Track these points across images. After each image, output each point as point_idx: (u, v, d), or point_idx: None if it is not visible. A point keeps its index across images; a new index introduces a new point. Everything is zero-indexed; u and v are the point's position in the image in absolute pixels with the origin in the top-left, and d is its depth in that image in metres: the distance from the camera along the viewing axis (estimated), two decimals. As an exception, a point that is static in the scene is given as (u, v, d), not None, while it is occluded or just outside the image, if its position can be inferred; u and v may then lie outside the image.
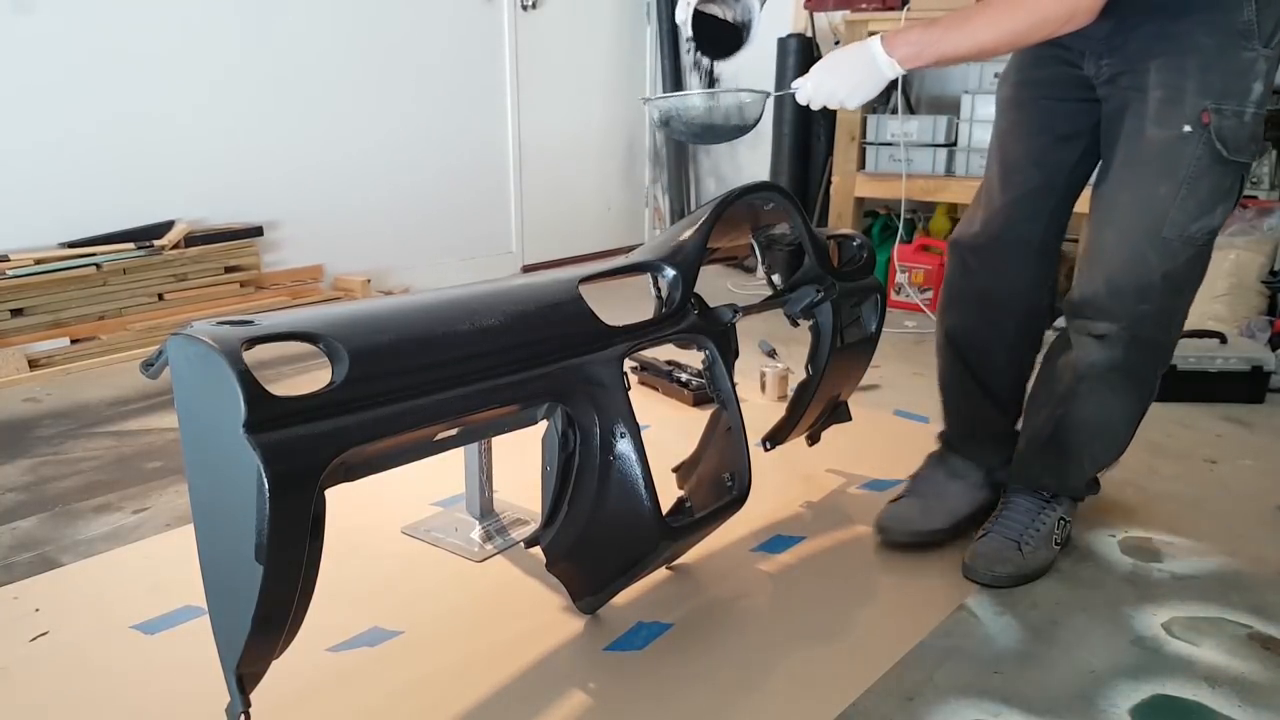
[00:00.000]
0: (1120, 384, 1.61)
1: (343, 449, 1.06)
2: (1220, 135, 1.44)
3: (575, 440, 1.40)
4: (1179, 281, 1.54)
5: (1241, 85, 1.43)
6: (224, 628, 1.06)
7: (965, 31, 1.41)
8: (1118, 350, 1.57)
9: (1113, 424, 1.67)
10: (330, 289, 3.59)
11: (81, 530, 1.85)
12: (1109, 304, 1.56)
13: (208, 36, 3.20)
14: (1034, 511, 1.71)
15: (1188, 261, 1.52)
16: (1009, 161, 1.70)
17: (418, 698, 1.35)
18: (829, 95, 1.51)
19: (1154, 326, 1.57)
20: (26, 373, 2.72)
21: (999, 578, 1.65)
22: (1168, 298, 1.55)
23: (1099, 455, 1.72)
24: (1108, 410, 1.65)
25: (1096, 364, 1.59)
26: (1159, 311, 1.55)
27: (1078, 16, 1.36)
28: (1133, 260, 1.53)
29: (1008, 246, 1.70)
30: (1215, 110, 1.43)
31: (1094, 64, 1.56)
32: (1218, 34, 1.42)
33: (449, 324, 1.22)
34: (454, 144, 3.96)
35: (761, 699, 1.36)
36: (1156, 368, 1.63)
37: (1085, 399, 1.63)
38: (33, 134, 2.88)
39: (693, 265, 1.52)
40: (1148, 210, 1.51)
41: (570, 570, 1.51)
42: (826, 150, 3.88)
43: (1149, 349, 1.59)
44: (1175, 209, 1.49)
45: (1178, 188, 1.48)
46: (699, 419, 1.86)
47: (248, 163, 3.35)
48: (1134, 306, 1.54)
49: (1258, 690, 1.39)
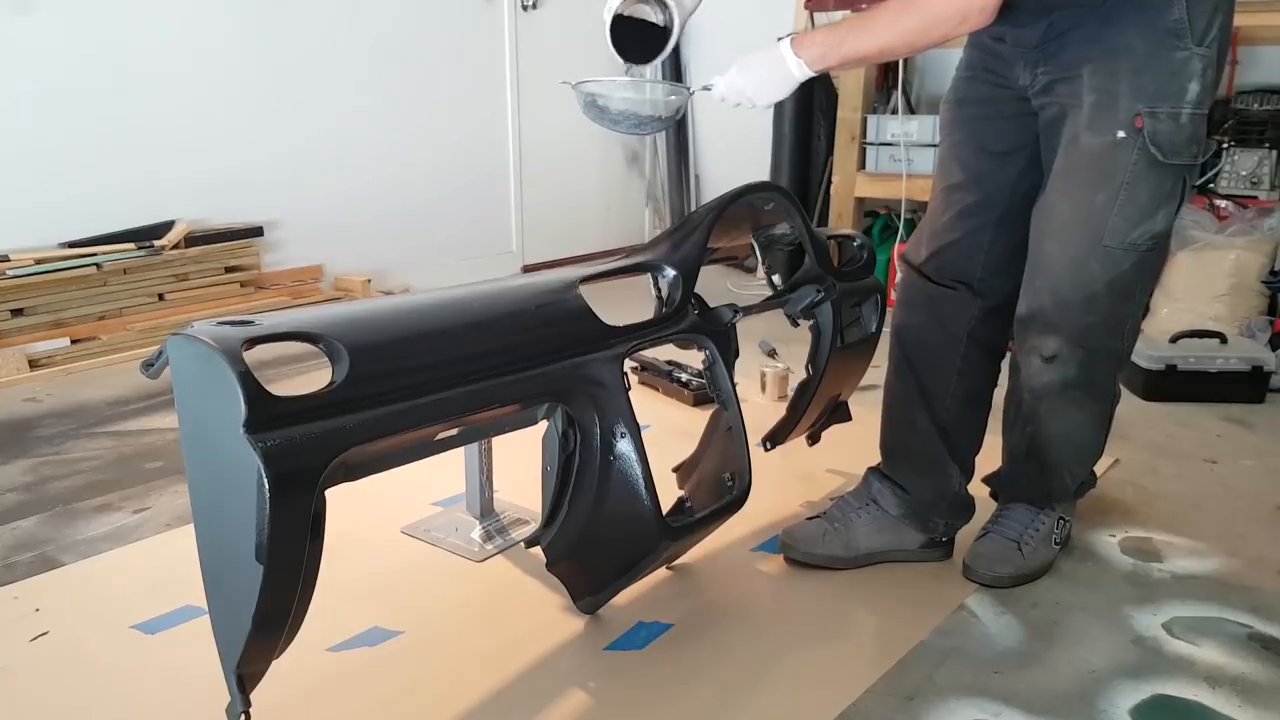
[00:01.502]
0: (1081, 399, 1.60)
1: (343, 449, 1.06)
2: (1155, 139, 1.42)
3: (575, 440, 1.40)
4: (1124, 288, 1.51)
5: (1175, 86, 1.41)
6: (224, 628, 1.06)
7: (867, 32, 1.42)
8: (1070, 369, 1.55)
9: (1081, 435, 1.67)
10: (330, 289, 3.59)
11: (81, 530, 1.85)
12: (1055, 317, 1.53)
13: (208, 36, 3.20)
14: (1032, 513, 1.70)
15: (1133, 268, 1.50)
16: (950, 182, 1.67)
17: (418, 698, 1.35)
18: (739, 93, 1.51)
19: (1103, 334, 1.55)
20: (27, 373, 2.72)
21: (999, 578, 1.64)
22: (1114, 305, 1.52)
23: (1077, 465, 1.72)
24: (1073, 425, 1.64)
25: (1051, 385, 1.57)
26: (1106, 319, 1.53)
27: (971, 18, 1.36)
28: (1075, 271, 1.50)
29: (953, 263, 1.66)
30: (1149, 114, 1.41)
31: (1029, 73, 1.53)
32: (1148, 35, 1.40)
33: (449, 324, 1.22)
34: (454, 144, 3.96)
35: (761, 699, 1.36)
36: (1113, 374, 1.63)
37: (1049, 418, 1.62)
38: (33, 134, 2.88)
39: (693, 265, 1.52)
40: (1087, 219, 1.48)
41: (570, 570, 1.51)
42: (826, 150, 3.88)
43: (1101, 359, 1.57)
44: (1115, 216, 1.46)
45: (1115, 194, 1.46)
46: (699, 419, 1.86)
47: (248, 163, 3.35)
48: (1080, 318, 1.52)
49: (1258, 690, 1.39)
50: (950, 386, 1.69)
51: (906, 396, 1.73)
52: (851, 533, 1.71)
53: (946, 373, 1.69)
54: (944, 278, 1.67)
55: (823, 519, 1.75)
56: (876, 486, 1.76)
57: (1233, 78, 3.25)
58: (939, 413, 1.70)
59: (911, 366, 1.72)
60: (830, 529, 1.72)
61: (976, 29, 1.39)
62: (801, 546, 1.72)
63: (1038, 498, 1.72)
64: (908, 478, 1.73)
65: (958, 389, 1.69)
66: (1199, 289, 3.04)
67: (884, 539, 1.72)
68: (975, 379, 1.71)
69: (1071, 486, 1.72)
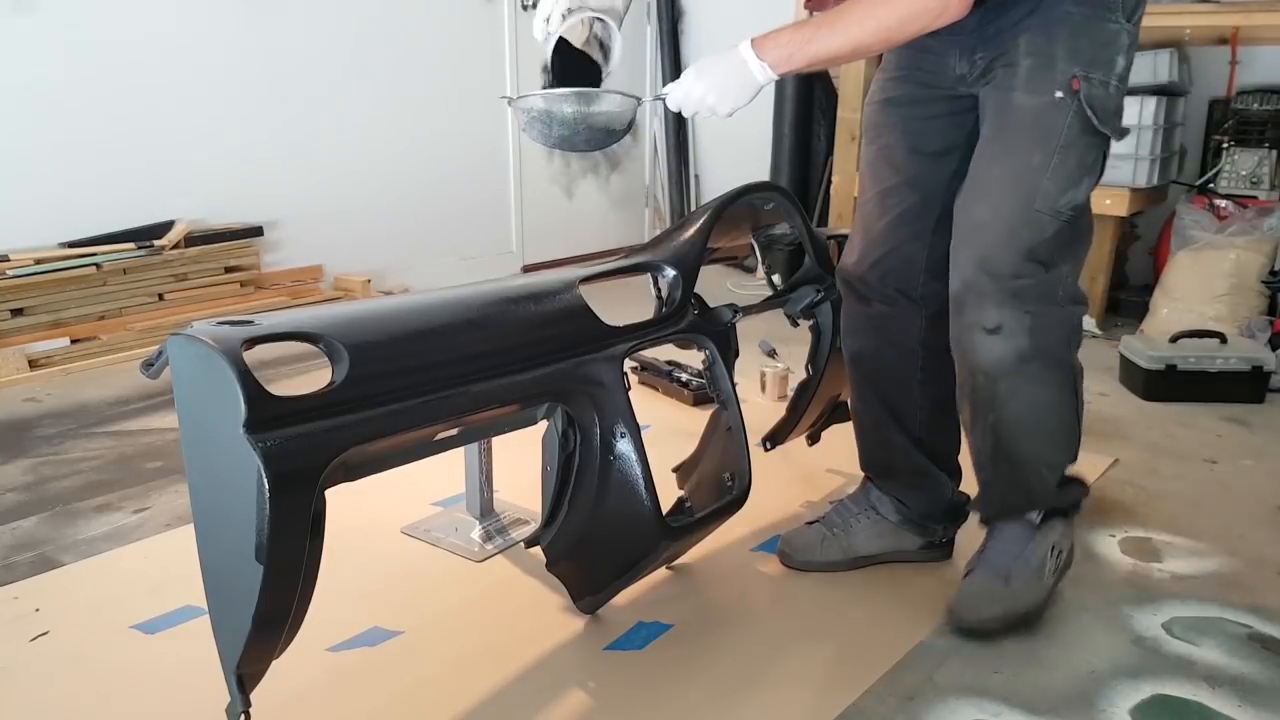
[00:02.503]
0: (1040, 373, 1.48)
1: (343, 449, 1.06)
2: (1090, 102, 1.39)
3: (575, 440, 1.40)
4: (1048, 254, 1.44)
5: (1106, 56, 1.39)
6: (224, 628, 1.06)
7: (838, 29, 1.34)
8: (1021, 339, 1.44)
9: (1050, 418, 1.53)
10: (330, 289, 3.59)
11: (81, 530, 1.85)
12: (988, 285, 1.43)
13: (208, 36, 3.20)
14: (1022, 540, 1.56)
15: (1055, 236, 1.43)
16: (884, 186, 1.60)
17: (418, 698, 1.35)
18: (698, 103, 1.42)
19: (1039, 299, 1.45)
20: (26, 373, 2.72)
21: (985, 621, 1.51)
22: (1042, 270, 1.44)
23: (1050, 456, 1.56)
24: (1039, 405, 1.51)
25: (1004, 360, 1.45)
26: (1039, 284, 1.44)
27: (951, 9, 1.31)
28: (1007, 235, 1.43)
29: (893, 271, 1.60)
30: (1084, 78, 1.38)
31: (966, 62, 1.47)
32: (1084, 4, 1.38)
33: (449, 324, 1.22)
34: (454, 144, 3.96)
35: (761, 699, 1.36)
36: (1065, 341, 1.51)
37: (1010, 401, 1.49)
38: (33, 134, 2.88)
39: (693, 265, 1.52)
40: (1021, 182, 1.42)
41: (570, 570, 1.51)
42: (826, 150, 3.88)
43: (1047, 324, 1.46)
44: (1048, 179, 1.41)
45: (1050, 157, 1.41)
46: (699, 419, 1.86)
47: (248, 163, 3.35)
48: (1013, 282, 1.43)
49: (1258, 690, 1.39)
50: (916, 400, 1.65)
51: (877, 420, 1.69)
52: (851, 538, 1.70)
53: (908, 388, 1.65)
54: (887, 287, 1.60)
55: (821, 524, 1.73)
56: (875, 494, 1.73)
57: (1233, 78, 3.25)
58: (912, 428, 1.66)
59: (873, 389, 1.68)
60: (829, 534, 1.71)
61: (956, 20, 1.32)
62: (800, 555, 1.71)
63: (1019, 504, 1.57)
64: (900, 491, 1.70)
65: (924, 400, 1.64)
66: (1199, 289, 3.04)
67: (884, 543, 1.70)
68: (938, 386, 1.62)
69: (1052, 482, 1.56)
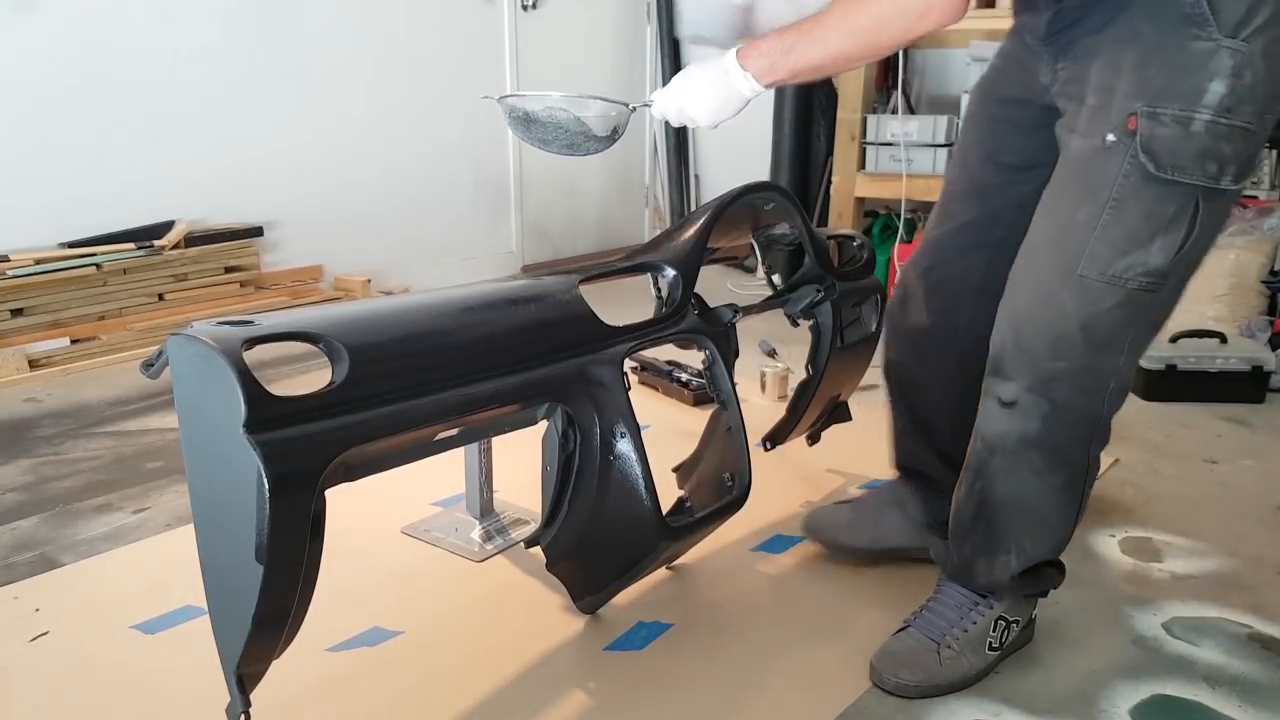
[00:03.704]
0: (1040, 465, 1.31)
1: (343, 449, 1.06)
2: (1149, 145, 1.14)
3: (575, 440, 1.40)
4: (1105, 335, 1.23)
5: (1189, 84, 1.12)
6: (224, 628, 1.06)
7: (815, 37, 1.25)
8: (1031, 422, 1.28)
9: (1041, 512, 1.36)
10: (330, 289, 3.59)
11: (81, 530, 1.85)
12: (1015, 358, 1.28)
13: (208, 36, 3.20)
14: (965, 607, 1.42)
15: (1118, 309, 1.21)
16: (951, 188, 1.49)
17: (418, 698, 1.35)
18: (679, 114, 1.38)
19: (1074, 390, 1.26)
20: (26, 373, 2.72)
21: (903, 686, 1.37)
22: (1091, 355, 1.24)
23: (1029, 548, 1.38)
24: (1031, 495, 1.34)
25: (1006, 437, 1.31)
26: (1079, 371, 1.25)
27: (933, 12, 1.17)
28: (1043, 304, 1.25)
29: (942, 282, 1.49)
30: (1148, 114, 1.14)
31: (1050, 70, 1.29)
32: (1159, 21, 1.14)
33: (449, 324, 1.22)
34: (454, 144, 3.95)
35: (761, 699, 1.36)
36: (1087, 443, 1.32)
37: (1001, 477, 1.34)
38: (33, 134, 2.88)
39: (693, 265, 1.52)
40: (1063, 241, 1.23)
41: (570, 570, 1.51)
42: (826, 150, 3.88)
43: (1071, 420, 1.28)
44: (1096, 239, 1.20)
45: (1099, 212, 1.19)
46: (699, 419, 1.86)
47: (248, 163, 3.35)
48: (1044, 363, 1.25)
49: (1258, 690, 1.39)
50: (949, 421, 1.55)
51: (906, 427, 1.65)
52: (880, 528, 1.67)
53: (941, 410, 1.57)
54: (932, 301, 1.51)
55: (851, 507, 1.71)
56: (906, 491, 1.68)
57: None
58: (943, 444, 1.58)
59: (904, 400, 1.63)
60: (857, 519, 1.68)
61: (945, 25, 1.20)
62: (825, 533, 1.68)
63: (978, 577, 1.42)
64: (927, 498, 1.64)
65: (957, 418, 1.49)
66: (1199, 289, 3.04)
67: (910, 539, 1.66)
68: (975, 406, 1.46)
69: (1016, 568, 1.39)
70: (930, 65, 3.90)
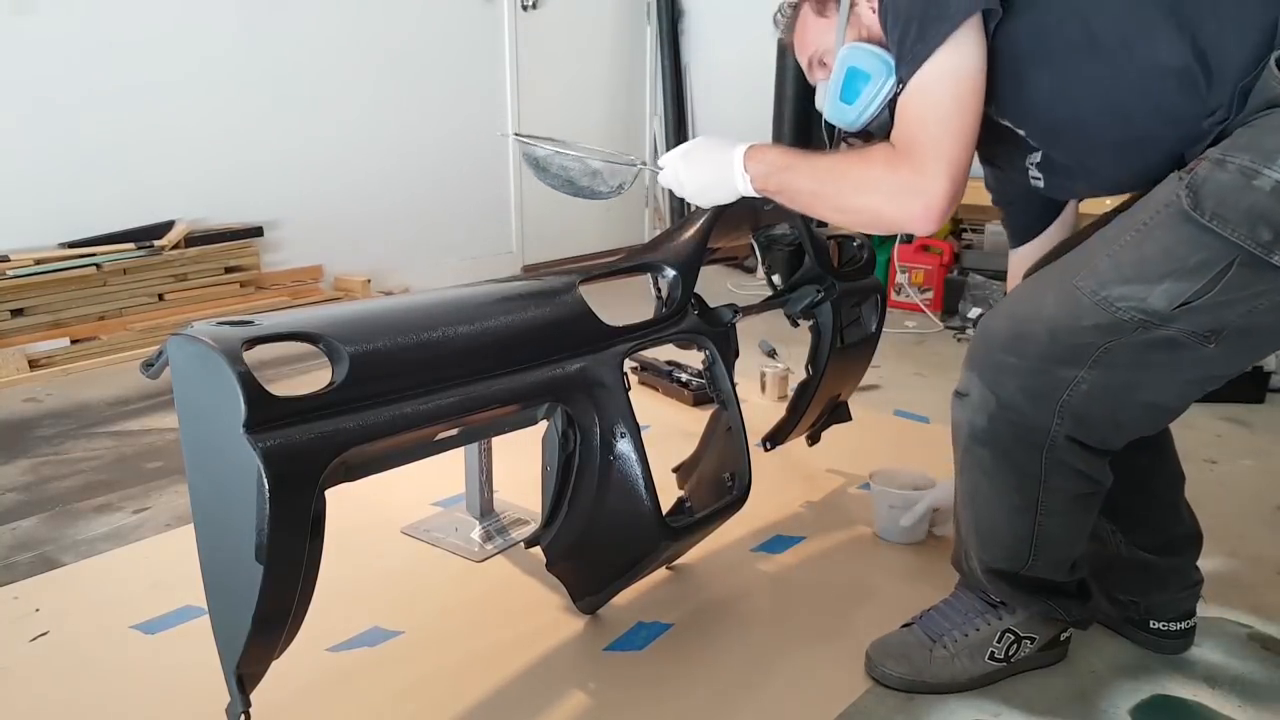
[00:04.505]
0: (990, 465, 1.25)
1: (343, 449, 1.06)
2: (1196, 186, 1.06)
3: (575, 440, 1.40)
4: (1065, 347, 1.15)
5: (1273, 142, 1.03)
6: (224, 628, 1.06)
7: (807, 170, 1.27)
8: (979, 418, 1.22)
9: (991, 517, 1.30)
10: (330, 289, 3.59)
11: (81, 530, 1.85)
12: (977, 345, 1.24)
13: (208, 36, 3.20)
14: (971, 613, 1.38)
15: (1094, 330, 1.13)
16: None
17: (418, 698, 1.35)
18: (680, 186, 1.39)
19: (1019, 391, 1.18)
20: (27, 373, 2.72)
21: (887, 676, 1.37)
22: (1045, 361, 1.16)
23: (980, 550, 1.34)
24: (978, 494, 1.30)
25: (959, 429, 1.27)
26: (1029, 372, 1.17)
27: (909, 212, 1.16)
28: (1026, 297, 1.22)
29: None
30: (1217, 160, 1.06)
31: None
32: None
33: (449, 324, 1.22)
34: (454, 144, 3.96)
35: (761, 699, 1.36)
36: (1039, 450, 1.20)
37: (962, 472, 1.30)
38: (33, 134, 2.88)
39: (693, 265, 1.52)
40: (1088, 250, 1.18)
41: (570, 570, 1.51)
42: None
43: (1015, 421, 1.20)
44: (1106, 256, 1.14)
45: (1124, 232, 1.14)
46: (699, 419, 1.86)
47: (248, 163, 3.35)
48: (998, 355, 1.20)
49: (1258, 690, 1.39)
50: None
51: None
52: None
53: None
54: None
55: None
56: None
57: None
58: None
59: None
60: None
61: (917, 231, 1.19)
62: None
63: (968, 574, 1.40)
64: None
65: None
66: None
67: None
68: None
69: (979, 570, 1.35)
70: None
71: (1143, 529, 1.44)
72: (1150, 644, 1.47)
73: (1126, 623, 1.48)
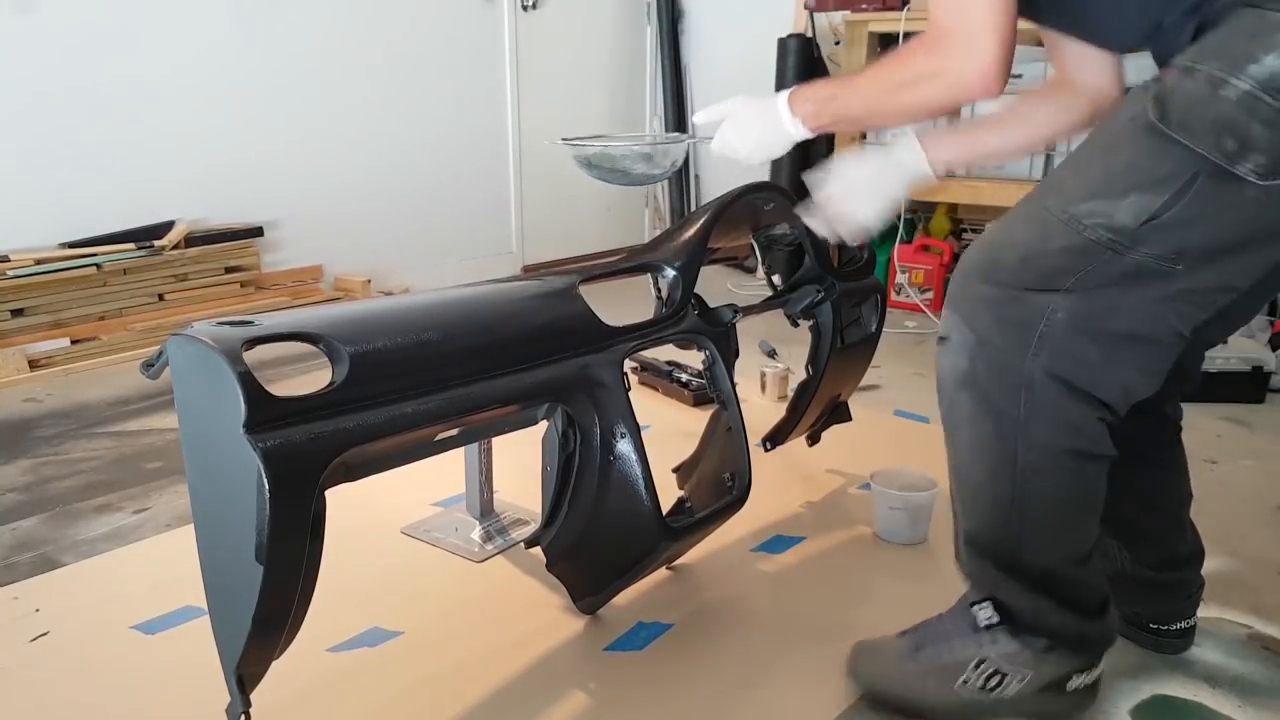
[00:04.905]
0: (971, 407, 1.17)
1: (343, 449, 1.06)
2: (1164, 96, 1.01)
3: (575, 440, 1.40)
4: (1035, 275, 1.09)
5: (1243, 49, 0.97)
6: (224, 628, 1.06)
7: (855, 89, 1.24)
8: (961, 359, 1.16)
9: (969, 473, 1.21)
10: (330, 289, 3.59)
11: (81, 530, 1.85)
12: (955, 282, 1.19)
13: (208, 36, 3.20)
14: (957, 632, 1.27)
15: (1063, 253, 1.07)
16: None
17: (418, 698, 1.35)
18: (725, 147, 1.37)
19: (994, 321, 1.12)
20: (27, 373, 2.72)
21: (855, 673, 1.34)
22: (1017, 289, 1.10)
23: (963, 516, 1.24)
24: (963, 450, 1.21)
25: (944, 378, 1.20)
26: (1005, 300, 1.11)
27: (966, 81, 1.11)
28: (1001, 225, 1.17)
29: None
30: (1186, 68, 1.01)
31: None
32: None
33: (449, 324, 1.22)
34: (454, 144, 3.96)
35: (761, 699, 1.36)
36: (1013, 397, 1.13)
37: (947, 427, 1.23)
38: (33, 134, 2.88)
39: (693, 265, 1.52)
40: (1057, 173, 1.16)
41: (570, 570, 1.51)
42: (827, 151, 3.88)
43: (990, 355, 1.13)
44: (1071, 174, 1.11)
45: (1095, 149, 1.11)
46: (699, 419, 1.86)
47: (248, 163, 3.35)
48: (976, 286, 1.15)
49: (1258, 690, 1.39)
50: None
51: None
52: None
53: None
54: None
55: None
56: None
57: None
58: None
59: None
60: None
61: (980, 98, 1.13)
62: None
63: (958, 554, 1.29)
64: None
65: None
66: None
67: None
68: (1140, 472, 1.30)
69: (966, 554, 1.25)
70: (930, 65, 3.89)
71: (1146, 544, 1.40)
72: (1150, 644, 1.45)
73: (1126, 623, 1.44)
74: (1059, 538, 1.20)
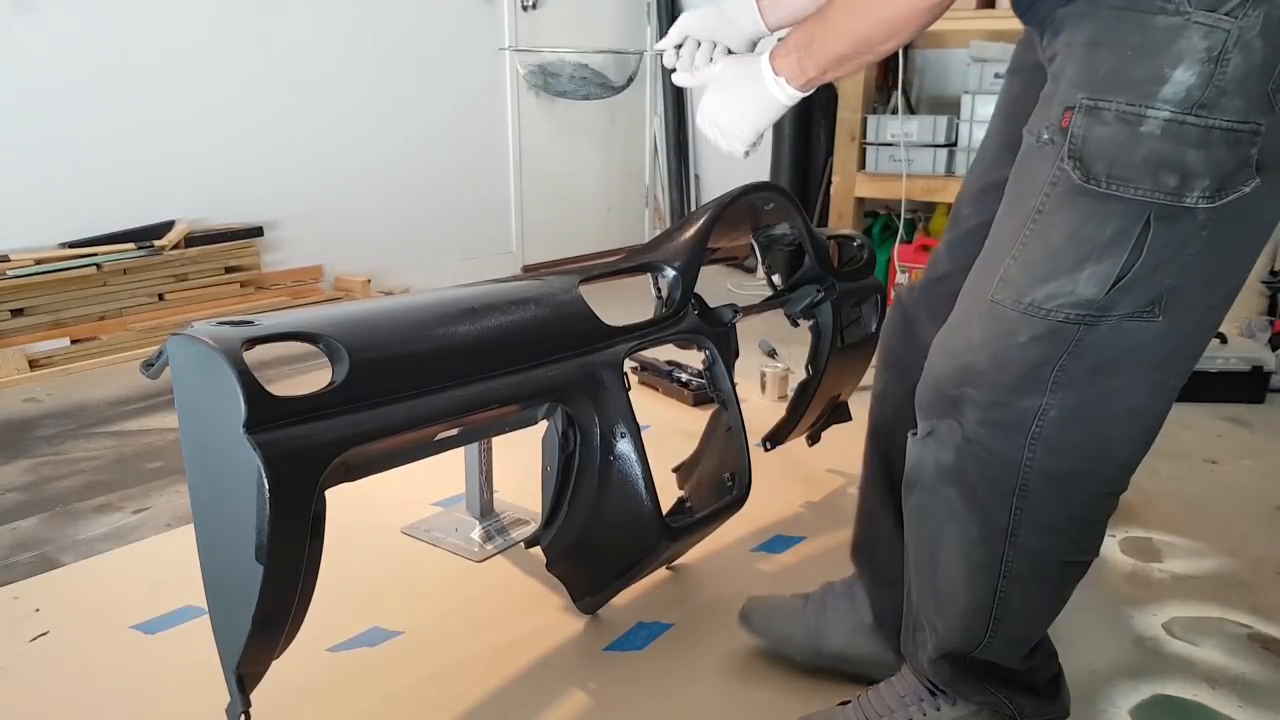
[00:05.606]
0: (959, 505, 1.06)
1: (343, 449, 1.06)
2: (1079, 148, 0.91)
3: (575, 440, 1.40)
4: (1016, 373, 0.98)
5: (1144, 71, 0.87)
6: (224, 628, 1.06)
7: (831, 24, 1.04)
8: (945, 452, 1.05)
9: (951, 574, 1.10)
10: (330, 289, 3.59)
11: (81, 530, 1.85)
12: (924, 388, 1.09)
13: (208, 36, 3.20)
14: (909, 697, 1.20)
15: (1032, 344, 0.97)
16: (965, 190, 1.24)
17: (418, 698, 1.35)
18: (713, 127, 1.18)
19: (982, 422, 1.02)
20: (27, 373, 2.72)
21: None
22: (999, 394, 1.00)
23: (938, 624, 1.13)
24: (945, 546, 1.10)
25: (922, 468, 1.09)
26: (989, 405, 1.01)
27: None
28: (955, 330, 1.05)
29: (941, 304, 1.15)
30: (1088, 108, 0.90)
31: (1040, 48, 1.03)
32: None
33: (449, 324, 1.22)
34: (454, 144, 3.96)
35: (761, 699, 1.36)
36: (1003, 503, 1.03)
37: (918, 520, 1.12)
38: (33, 134, 2.88)
39: (693, 265, 1.52)
40: (989, 258, 1.02)
41: (570, 570, 1.51)
42: (826, 150, 3.88)
43: (982, 457, 1.03)
44: (1012, 260, 0.98)
45: (1020, 226, 0.97)
46: (699, 419, 1.86)
47: (247, 162, 3.35)
48: (951, 390, 1.04)
49: (1258, 690, 1.39)
50: None
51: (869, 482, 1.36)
52: (821, 624, 1.39)
53: None
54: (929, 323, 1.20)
55: (801, 600, 1.44)
56: (857, 584, 1.40)
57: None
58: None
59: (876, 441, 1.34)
60: (799, 615, 1.41)
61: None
62: (758, 618, 1.42)
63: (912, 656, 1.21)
64: (872, 588, 1.37)
65: None
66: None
67: (858, 645, 1.37)
68: None
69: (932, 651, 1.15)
70: (930, 65, 3.90)
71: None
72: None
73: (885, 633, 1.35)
74: (1022, 636, 1.15)
